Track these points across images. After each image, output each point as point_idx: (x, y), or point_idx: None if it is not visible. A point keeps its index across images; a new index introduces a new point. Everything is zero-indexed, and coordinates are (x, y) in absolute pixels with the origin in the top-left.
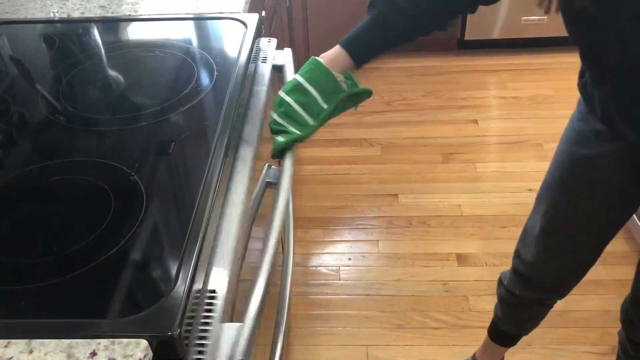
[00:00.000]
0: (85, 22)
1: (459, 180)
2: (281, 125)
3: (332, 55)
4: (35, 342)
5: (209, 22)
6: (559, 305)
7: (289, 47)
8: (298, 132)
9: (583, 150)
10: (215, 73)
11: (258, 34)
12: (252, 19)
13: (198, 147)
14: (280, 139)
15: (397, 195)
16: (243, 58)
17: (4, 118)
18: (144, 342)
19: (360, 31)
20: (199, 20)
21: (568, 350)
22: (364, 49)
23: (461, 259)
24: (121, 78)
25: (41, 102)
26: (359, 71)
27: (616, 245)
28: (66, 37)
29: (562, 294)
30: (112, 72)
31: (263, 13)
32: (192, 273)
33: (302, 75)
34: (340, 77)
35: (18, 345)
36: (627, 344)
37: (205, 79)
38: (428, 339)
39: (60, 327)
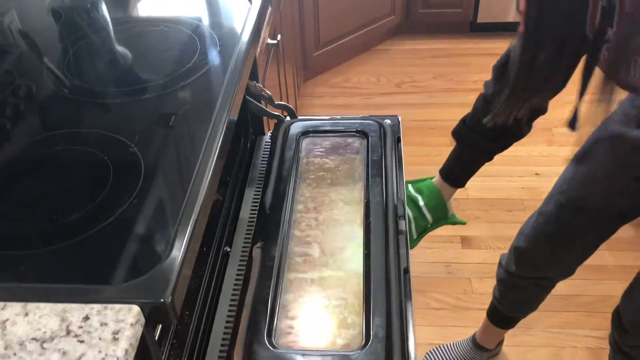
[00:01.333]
0: None
1: None
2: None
3: (442, 187)
4: (31, 306)
5: None
6: (563, 289)
7: (298, 26)
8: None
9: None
10: (218, 48)
11: (263, 11)
12: None
13: (198, 120)
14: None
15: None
16: (246, 34)
17: (10, 90)
18: (135, 308)
19: (456, 164)
20: None
21: (568, 334)
22: (463, 179)
23: (465, 241)
24: (127, 52)
25: (47, 75)
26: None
27: (623, 231)
28: (73, 11)
29: (559, 274)
30: (116, 46)
31: None
32: (186, 242)
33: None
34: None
35: (14, 308)
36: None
37: (208, 54)
38: (429, 319)
39: (55, 291)
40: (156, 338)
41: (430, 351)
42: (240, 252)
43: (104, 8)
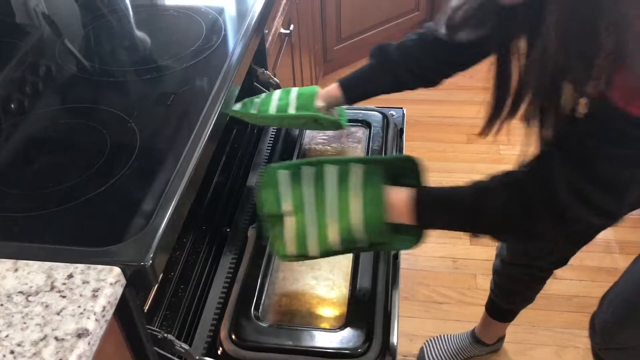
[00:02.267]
0: None
1: (481, 161)
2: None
3: (329, 89)
4: (21, 263)
5: None
6: (569, 290)
7: (319, 19)
8: (253, 111)
9: None
10: (222, 33)
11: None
12: None
13: (195, 100)
14: (236, 107)
15: None
16: (251, 22)
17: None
18: (116, 269)
19: (357, 76)
20: None
21: (571, 334)
22: (357, 92)
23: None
24: (136, 35)
25: (61, 55)
26: None
27: (635, 234)
28: None
29: (551, 263)
30: (127, 29)
31: None
32: (170, 213)
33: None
34: (334, 111)
35: (5, 264)
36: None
37: (211, 39)
38: (432, 312)
39: (44, 251)
40: (146, 308)
41: (429, 340)
42: (239, 232)
43: None
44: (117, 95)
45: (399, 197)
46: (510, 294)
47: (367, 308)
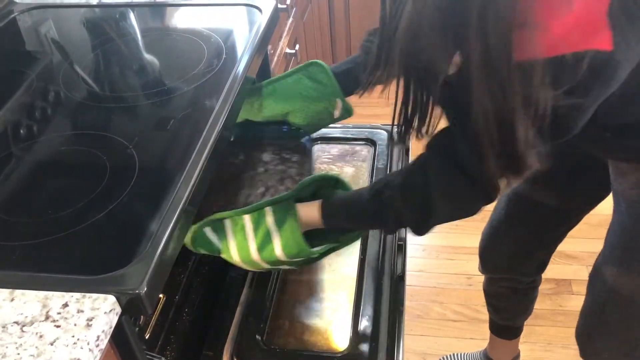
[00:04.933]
0: (115, 7)
1: None
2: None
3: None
4: (17, 292)
5: (227, 7)
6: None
7: (328, 35)
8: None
9: None
10: (224, 56)
11: (273, 20)
12: (268, 5)
13: (194, 125)
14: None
15: None
16: (252, 42)
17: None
18: (111, 298)
19: (350, 69)
20: (218, 5)
21: None
22: (353, 86)
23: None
24: (140, 60)
25: (63, 81)
26: None
27: None
28: (102, 21)
29: (519, 273)
30: (131, 54)
31: (288, 1)
32: (166, 239)
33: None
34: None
35: (2, 294)
36: None
37: (212, 62)
38: (446, 330)
39: (40, 280)
40: (149, 333)
41: (442, 359)
42: None
43: (125, 19)
44: (118, 120)
45: (310, 212)
46: (501, 310)
47: (372, 330)
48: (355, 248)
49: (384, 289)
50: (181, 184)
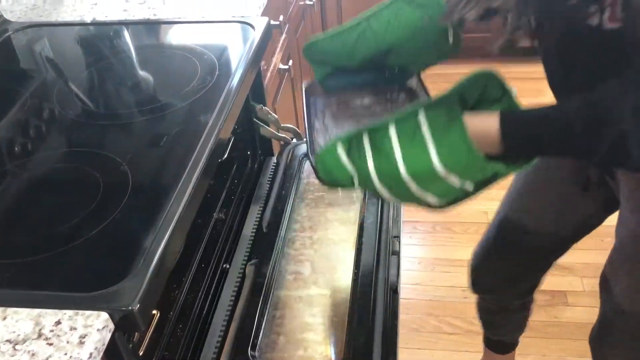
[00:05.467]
0: (109, 25)
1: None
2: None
3: None
4: (10, 310)
5: (221, 24)
6: (582, 317)
7: None
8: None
9: None
10: (217, 72)
11: (266, 36)
12: (261, 22)
13: (187, 142)
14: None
15: None
16: (245, 59)
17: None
18: (104, 315)
19: None
20: (212, 23)
21: None
22: None
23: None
24: (133, 77)
25: (57, 98)
26: None
27: None
28: (96, 38)
29: (511, 295)
30: (123, 72)
31: (281, 17)
32: (159, 256)
33: None
34: None
35: None
36: None
37: (206, 79)
38: (442, 343)
39: (33, 298)
40: (143, 350)
41: None
42: (239, 269)
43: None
44: (112, 137)
45: (484, 123)
46: (492, 326)
47: (367, 344)
48: (349, 262)
49: (378, 303)
50: (174, 200)
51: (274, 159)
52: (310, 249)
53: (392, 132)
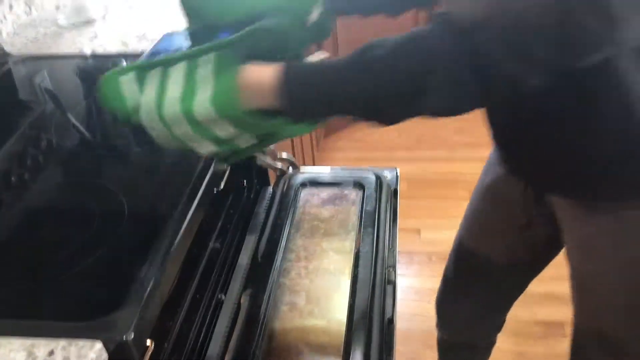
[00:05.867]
0: (108, 57)
1: None
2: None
3: None
4: (3, 341)
5: None
6: None
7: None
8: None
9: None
10: None
11: None
12: None
13: (183, 172)
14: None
15: (419, 230)
16: None
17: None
18: (98, 344)
19: None
20: None
21: None
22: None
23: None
24: None
25: (56, 129)
26: None
27: None
28: (92, 69)
29: (475, 335)
30: None
31: None
32: (152, 286)
33: None
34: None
35: None
36: None
37: None
38: None
39: (26, 327)
40: None
41: None
42: (234, 299)
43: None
44: (108, 167)
45: (262, 72)
46: None
47: None
48: (344, 292)
49: (374, 333)
50: (170, 230)
51: (270, 189)
52: (306, 279)
53: (180, 68)
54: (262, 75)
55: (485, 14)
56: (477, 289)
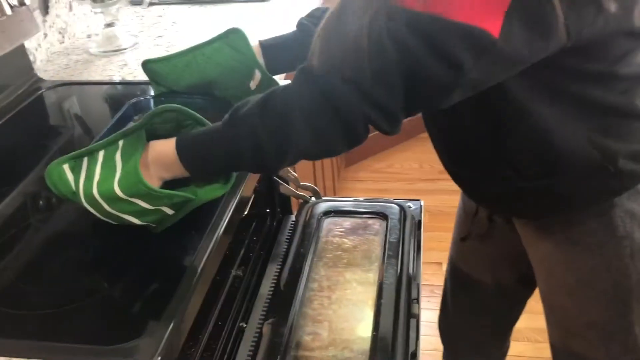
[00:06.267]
0: (136, 85)
1: None
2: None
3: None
4: None
5: None
6: None
7: None
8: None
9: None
10: None
11: None
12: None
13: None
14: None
15: (441, 263)
16: None
17: None
18: None
19: (280, 44)
20: None
21: None
22: (281, 65)
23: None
24: None
25: None
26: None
27: None
28: (121, 96)
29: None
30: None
31: None
32: (181, 312)
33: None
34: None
35: None
36: None
37: None
38: None
39: (53, 349)
40: None
41: None
42: (255, 328)
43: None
44: None
45: (165, 146)
46: None
47: None
48: (367, 324)
49: None
50: (196, 257)
51: (293, 217)
52: (329, 309)
53: (100, 155)
54: (165, 149)
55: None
56: (474, 311)
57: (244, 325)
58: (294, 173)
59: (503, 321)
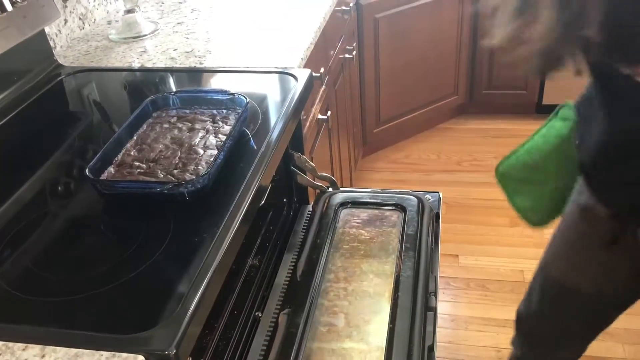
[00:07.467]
0: (155, 72)
1: (524, 245)
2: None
3: None
4: (48, 349)
5: (265, 75)
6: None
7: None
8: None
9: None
10: (260, 121)
11: (308, 87)
12: (303, 74)
13: (228, 187)
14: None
15: (457, 255)
16: (288, 108)
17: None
18: (140, 358)
19: None
20: (256, 73)
21: None
22: None
23: None
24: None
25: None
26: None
27: None
28: (140, 83)
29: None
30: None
31: (322, 69)
32: (197, 301)
33: None
34: None
35: (33, 350)
36: None
37: (249, 127)
38: None
39: (71, 337)
40: None
41: None
42: (271, 317)
43: (164, 83)
44: None
45: None
46: None
47: None
48: (384, 316)
49: None
50: (212, 248)
51: (310, 207)
52: (345, 300)
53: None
54: None
55: None
56: (563, 317)
57: (260, 315)
58: (311, 163)
59: (604, 327)
